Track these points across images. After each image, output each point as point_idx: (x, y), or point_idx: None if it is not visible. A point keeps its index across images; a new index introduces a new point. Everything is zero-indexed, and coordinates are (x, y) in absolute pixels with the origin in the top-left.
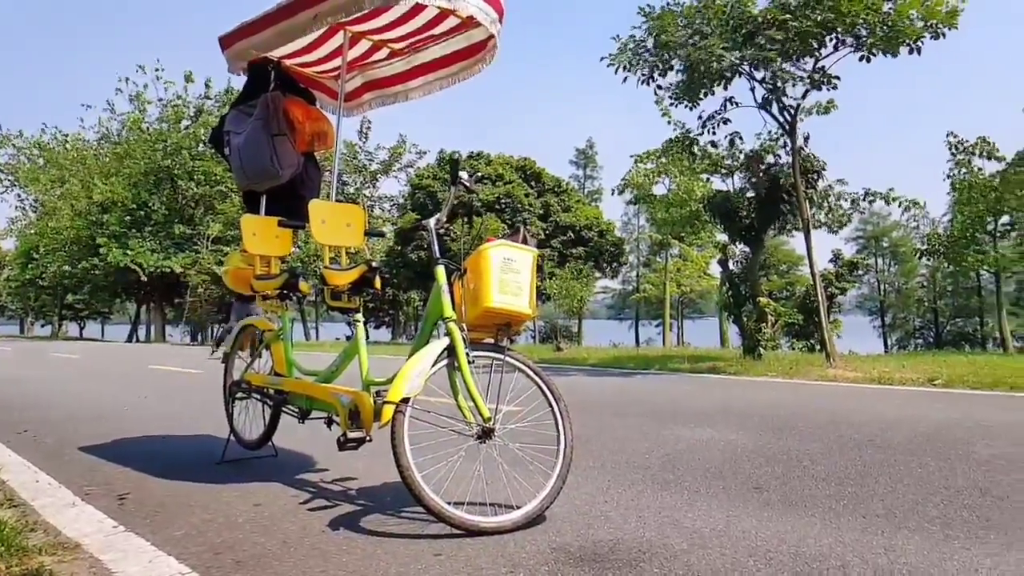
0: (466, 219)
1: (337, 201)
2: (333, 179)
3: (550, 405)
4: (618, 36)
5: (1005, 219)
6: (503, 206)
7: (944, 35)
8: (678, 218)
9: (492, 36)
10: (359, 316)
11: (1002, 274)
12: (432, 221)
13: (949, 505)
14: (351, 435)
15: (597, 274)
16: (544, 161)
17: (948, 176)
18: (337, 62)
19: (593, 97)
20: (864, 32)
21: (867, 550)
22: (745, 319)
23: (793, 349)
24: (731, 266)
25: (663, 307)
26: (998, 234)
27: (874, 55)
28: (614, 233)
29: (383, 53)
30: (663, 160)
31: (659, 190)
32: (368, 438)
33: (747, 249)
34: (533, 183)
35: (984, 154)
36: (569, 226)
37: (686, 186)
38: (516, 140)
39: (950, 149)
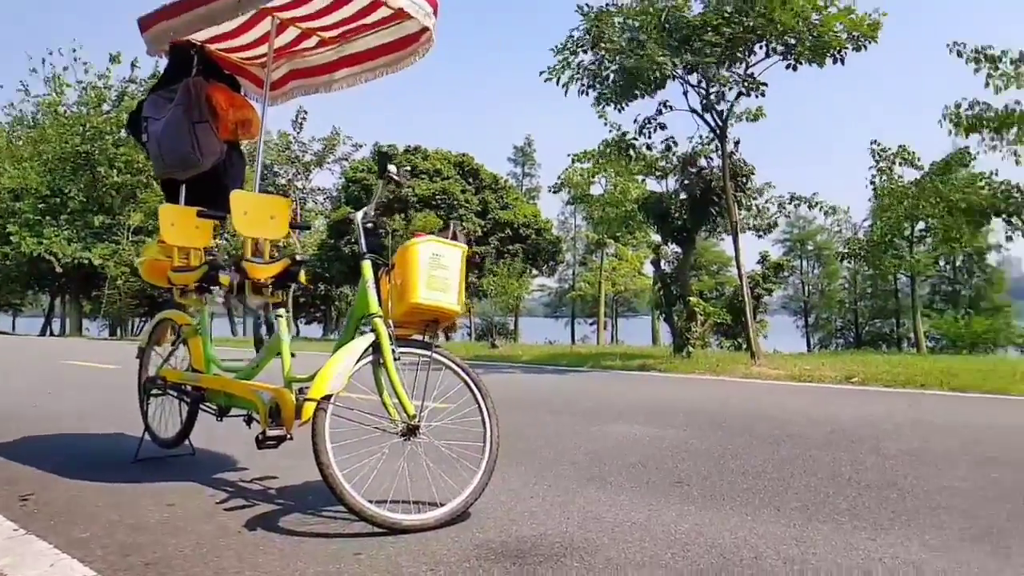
0: (403, 214)
1: (265, 192)
2: (257, 169)
3: (477, 402)
4: (556, 47)
5: (921, 225)
6: (440, 202)
7: (866, 47)
8: (614, 218)
9: (426, 29)
10: (282, 311)
11: (917, 277)
12: (359, 214)
13: (858, 498)
14: (271, 433)
15: (534, 272)
16: (483, 158)
17: (870, 183)
18: (264, 49)
19: (533, 94)
20: (793, 41)
21: (779, 541)
22: (676, 318)
23: (722, 348)
24: (663, 266)
25: (598, 305)
26: (914, 239)
27: (801, 63)
28: (551, 231)
29: (312, 41)
30: (600, 161)
31: (596, 190)
32: (289, 436)
33: (679, 250)
34: (471, 179)
35: (904, 161)
36: (507, 223)
37: (622, 187)
38: (455, 136)
39: (873, 156)
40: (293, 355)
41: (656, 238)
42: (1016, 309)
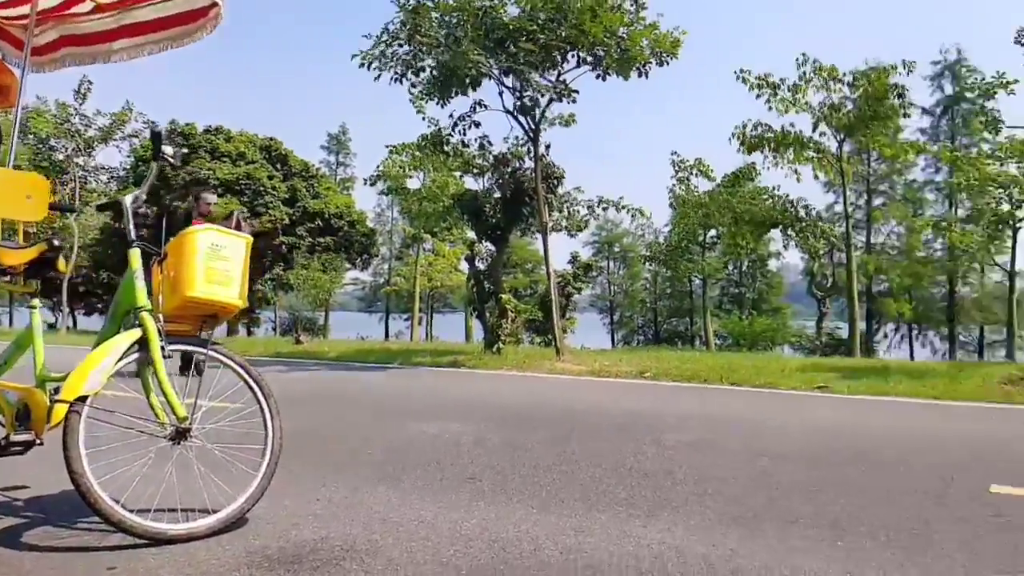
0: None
1: (38, 168)
2: (12, 142)
3: (258, 401)
4: (370, 35)
5: (713, 232)
6: (243, 187)
7: (668, 62)
8: (431, 213)
9: (216, 4)
10: (35, 301)
11: (708, 280)
12: (128, 199)
13: (636, 487)
14: (16, 438)
15: (347, 265)
16: (293, 143)
17: (670, 191)
18: (26, 9)
19: (349, 81)
20: (602, 53)
21: (559, 532)
22: (488, 315)
23: (533, 344)
24: (478, 263)
25: (414, 301)
26: (707, 245)
27: (609, 75)
28: (366, 223)
29: (87, 6)
30: (418, 154)
31: (413, 183)
32: (38, 441)
33: (493, 248)
34: (279, 165)
35: (700, 173)
36: (317, 213)
37: (440, 181)
38: (263, 119)
39: (673, 167)
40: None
41: (471, 235)
42: (791, 311)
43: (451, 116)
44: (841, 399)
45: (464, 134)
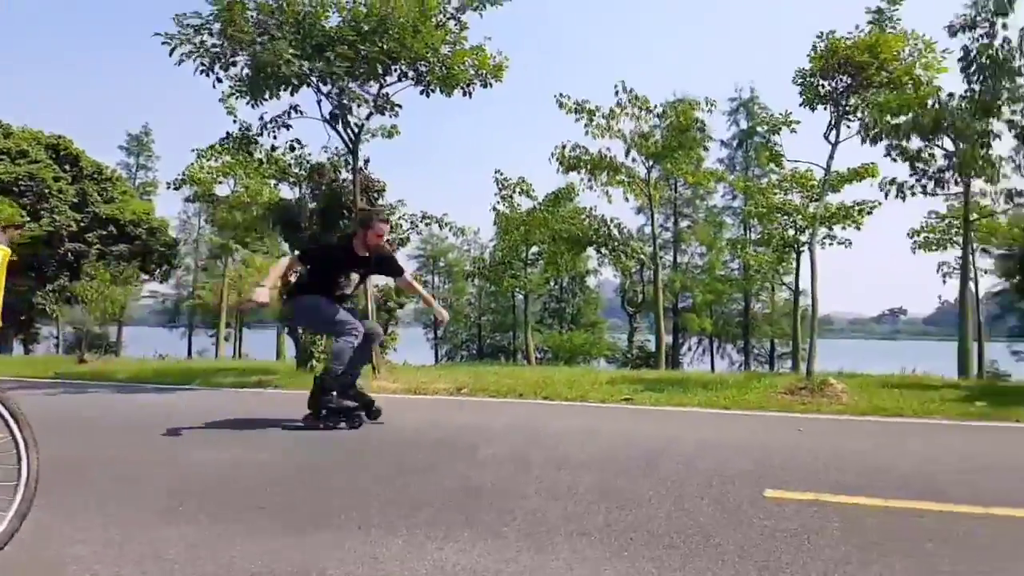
0: None
1: None
2: None
3: (11, 431)
4: (178, 16)
5: (535, 249)
6: (24, 189)
7: (492, 85)
8: (241, 222)
9: None
10: None
11: (530, 296)
12: None
13: (440, 506)
14: None
15: (143, 276)
16: (86, 143)
17: (493, 208)
18: None
19: (155, 79)
20: (424, 69)
21: (352, 559)
22: (301, 330)
23: None
24: (291, 276)
25: (220, 316)
26: (528, 262)
27: (433, 91)
28: (168, 232)
29: None
30: (229, 159)
31: (223, 190)
32: None
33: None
34: (68, 166)
35: (522, 192)
36: (111, 219)
37: (253, 189)
38: (54, 115)
39: (497, 184)
40: None
41: (285, 247)
42: (607, 325)
43: (261, 118)
44: (643, 410)
45: (274, 136)
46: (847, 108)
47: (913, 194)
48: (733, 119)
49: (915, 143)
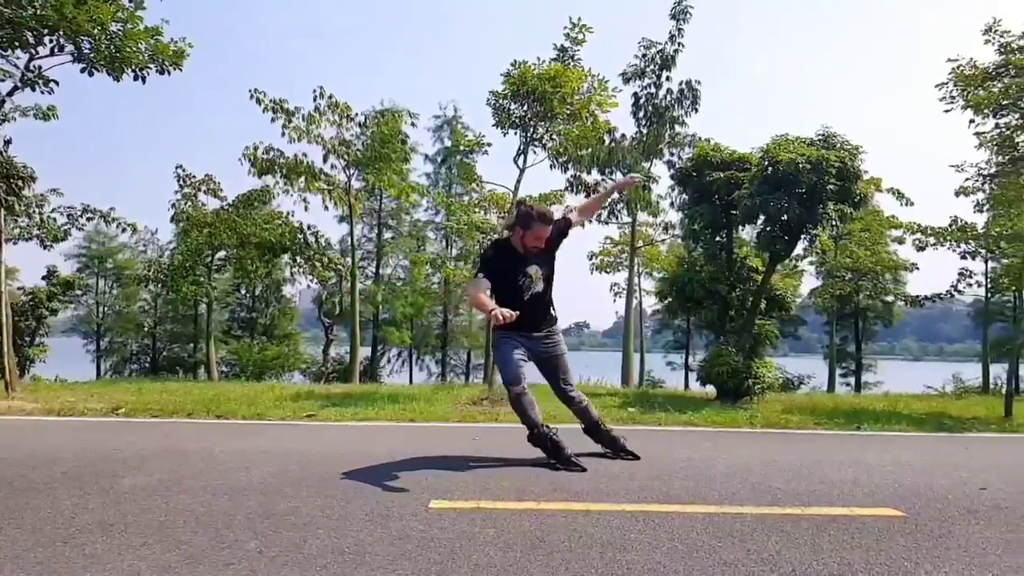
0: None
1: None
2: None
3: None
4: None
5: (222, 254)
6: None
7: (170, 72)
8: None
9: None
10: None
11: (216, 304)
12: None
13: (70, 545)
14: None
15: None
16: None
17: (172, 206)
18: None
19: None
20: (87, 46)
21: None
22: None
23: None
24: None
25: None
26: (214, 267)
27: (98, 71)
28: None
29: None
30: None
31: None
32: None
33: None
34: None
35: (209, 191)
36: None
37: None
38: None
39: (178, 181)
40: None
41: None
42: (304, 337)
43: None
44: (326, 427)
45: None
46: (534, 136)
47: (589, 221)
48: (438, 136)
49: (594, 176)
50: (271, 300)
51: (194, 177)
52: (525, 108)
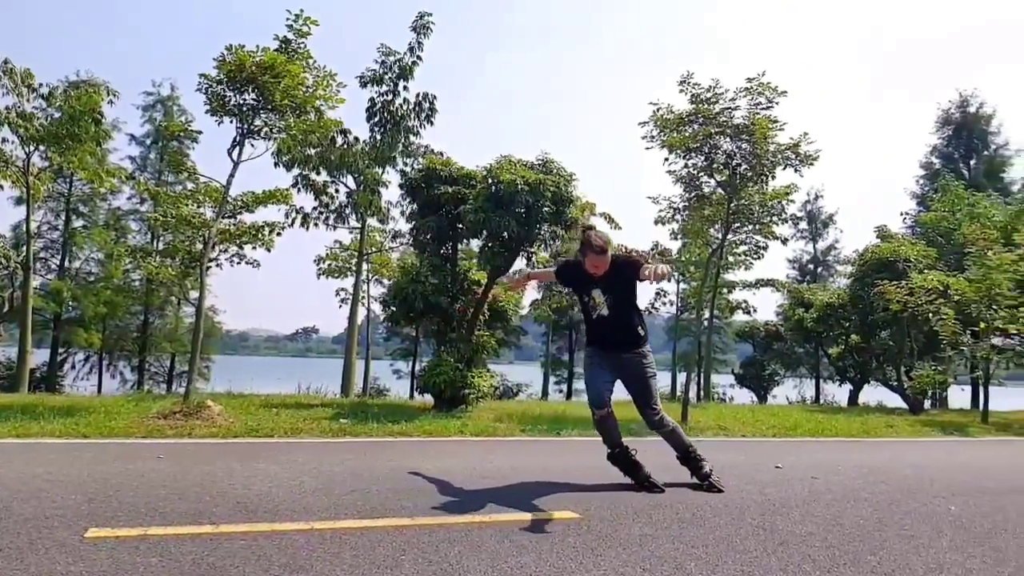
0: None
1: None
2: None
3: None
4: None
5: None
6: None
7: None
8: None
9: None
10: None
11: None
12: None
13: None
14: None
15: None
16: None
17: None
18: None
19: None
20: None
21: None
22: None
23: None
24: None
25: None
26: None
27: None
28: None
29: None
30: None
31: None
32: None
33: None
34: None
35: None
36: None
37: None
38: None
39: None
40: None
41: None
42: None
43: None
44: None
45: None
46: (252, 128)
47: (316, 224)
48: (149, 115)
49: (324, 176)
50: None
51: None
52: (243, 97)
